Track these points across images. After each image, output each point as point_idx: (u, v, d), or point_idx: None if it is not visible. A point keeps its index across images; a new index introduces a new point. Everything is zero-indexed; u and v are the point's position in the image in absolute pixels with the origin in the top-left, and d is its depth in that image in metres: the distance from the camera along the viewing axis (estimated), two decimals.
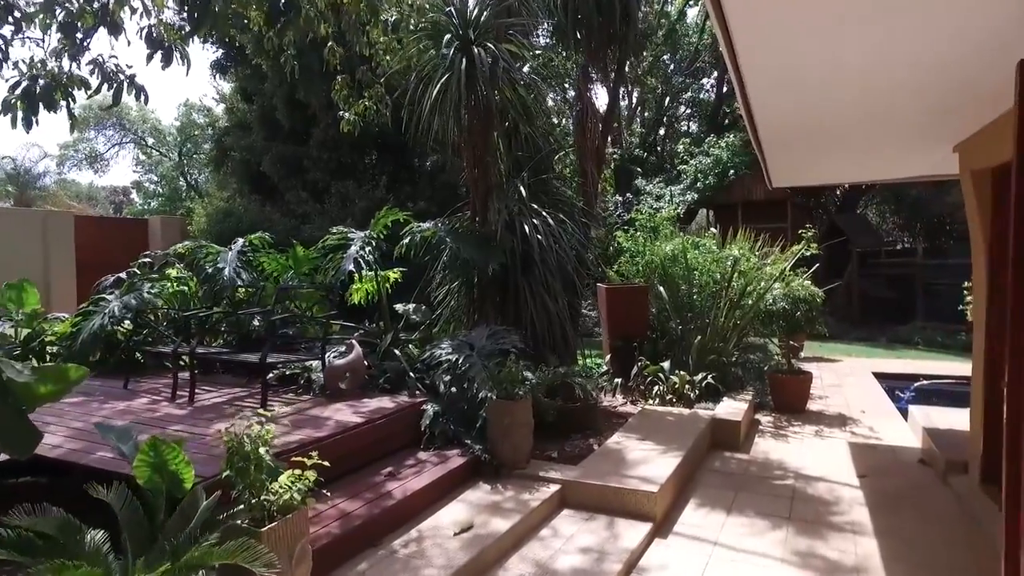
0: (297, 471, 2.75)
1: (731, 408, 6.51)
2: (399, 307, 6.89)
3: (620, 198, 16.46)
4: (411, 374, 5.62)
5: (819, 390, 8.35)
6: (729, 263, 7.64)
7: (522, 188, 6.82)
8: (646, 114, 25.86)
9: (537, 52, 8.99)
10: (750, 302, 7.66)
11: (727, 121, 22.77)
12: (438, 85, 6.42)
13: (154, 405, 5.05)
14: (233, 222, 16.31)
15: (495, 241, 6.48)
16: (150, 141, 33.24)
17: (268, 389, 5.11)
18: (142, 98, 5.47)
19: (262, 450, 2.60)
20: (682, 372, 6.88)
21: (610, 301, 8.27)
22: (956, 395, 9.71)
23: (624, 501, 4.36)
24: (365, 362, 5.85)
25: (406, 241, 6.32)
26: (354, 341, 5.55)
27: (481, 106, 6.57)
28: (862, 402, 8.01)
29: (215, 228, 16.26)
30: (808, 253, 7.65)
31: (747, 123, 4.76)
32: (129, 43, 6.88)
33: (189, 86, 55.71)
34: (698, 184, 18.83)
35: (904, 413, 7.59)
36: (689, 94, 24.79)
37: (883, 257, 17.82)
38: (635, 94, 25.25)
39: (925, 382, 9.63)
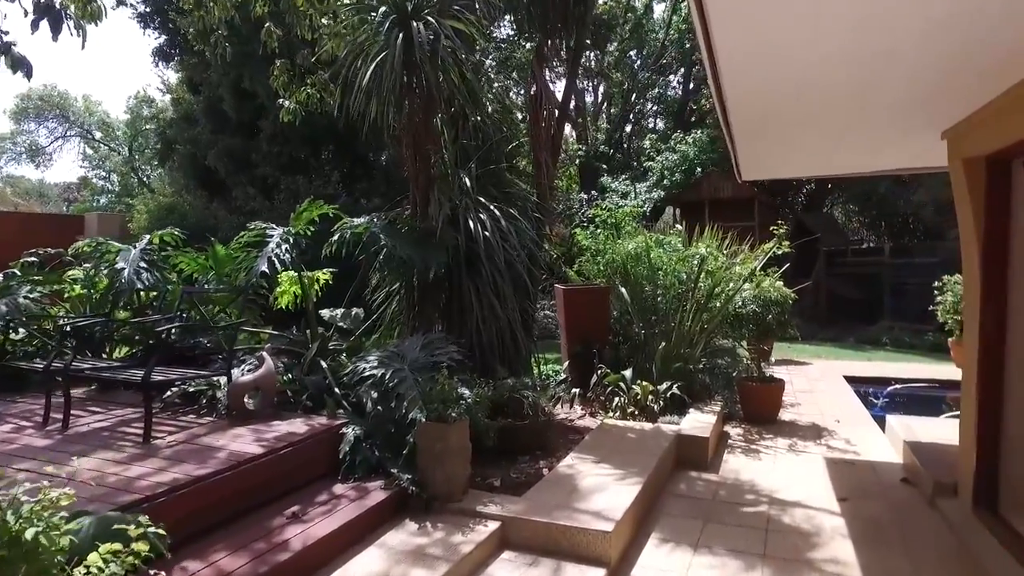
0: (118, 545, 2.02)
1: (698, 421, 5.92)
2: (326, 313, 6.14)
3: (585, 195, 15.92)
4: (336, 390, 4.90)
5: (790, 397, 7.83)
6: (695, 262, 7.07)
7: (467, 180, 6.15)
8: (612, 110, 25.39)
9: (492, 36, 8.32)
10: (718, 304, 7.10)
11: (694, 118, 22.40)
12: (373, 64, 5.70)
13: (16, 433, 4.23)
14: (176, 219, 15.31)
15: (436, 238, 5.79)
16: (97, 135, 31.69)
17: (154, 411, 4.34)
18: (23, 72, 4.66)
19: (31, 532, 1.82)
20: (645, 383, 6.28)
21: (568, 303, 7.65)
22: (929, 400, 9.34)
23: (574, 542, 3.71)
24: (286, 376, 5.12)
25: (335, 239, 5.58)
26: (265, 353, 4.80)
27: (423, 89, 5.88)
28: (836, 410, 7.52)
29: (156, 225, 15.23)
30: (780, 251, 7.12)
31: (717, 107, 4.18)
32: (26, 13, 6.03)
33: (139, 76, 53.76)
34: (664, 181, 18.39)
35: (880, 421, 7.14)
36: (656, 90, 24.38)
37: (849, 256, 17.57)
38: (601, 90, 24.77)
39: (898, 386, 9.22)
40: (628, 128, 25.69)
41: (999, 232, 4.10)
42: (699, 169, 18.54)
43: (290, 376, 5.10)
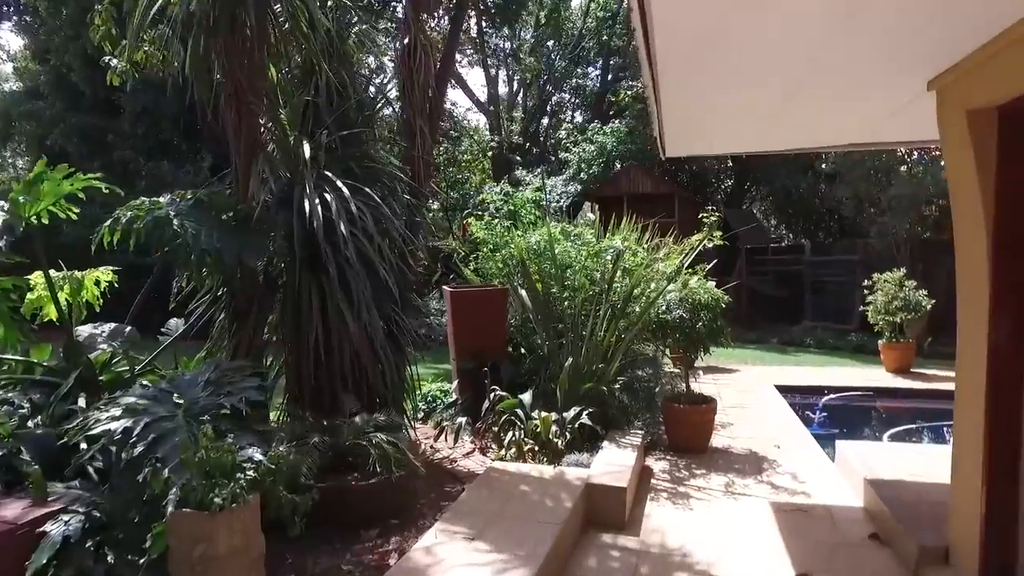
0: None
1: (614, 463, 4.59)
2: (85, 329, 4.40)
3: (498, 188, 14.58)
4: (83, 450, 3.24)
5: (721, 414, 6.64)
6: (610, 257, 5.78)
7: (307, 147, 4.58)
8: (529, 103, 24.17)
9: None
10: (638, 309, 5.83)
11: (612, 111, 21.47)
12: None
13: None
14: None
15: (262, 224, 4.22)
16: None
17: None
18: None
19: None
20: (546, 414, 4.90)
21: (457, 309, 6.21)
22: (865, 412, 8.50)
23: None
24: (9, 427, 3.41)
25: (107, 225, 3.89)
26: None
27: (250, 22, 4.30)
28: (773, 430, 6.42)
29: None
30: (711, 244, 5.93)
31: (643, 54, 2.90)
32: None
33: None
34: (582, 175, 17.30)
35: (822, 441, 6.09)
36: (574, 81, 23.31)
37: (770, 254, 16.99)
38: (516, 80, 23.52)
39: (832, 395, 8.29)
40: (545, 121, 24.57)
41: (1019, 208, 2.94)
42: (618, 163, 17.55)
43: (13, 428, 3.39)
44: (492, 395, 5.54)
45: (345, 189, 4.52)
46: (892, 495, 4.18)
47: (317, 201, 4.41)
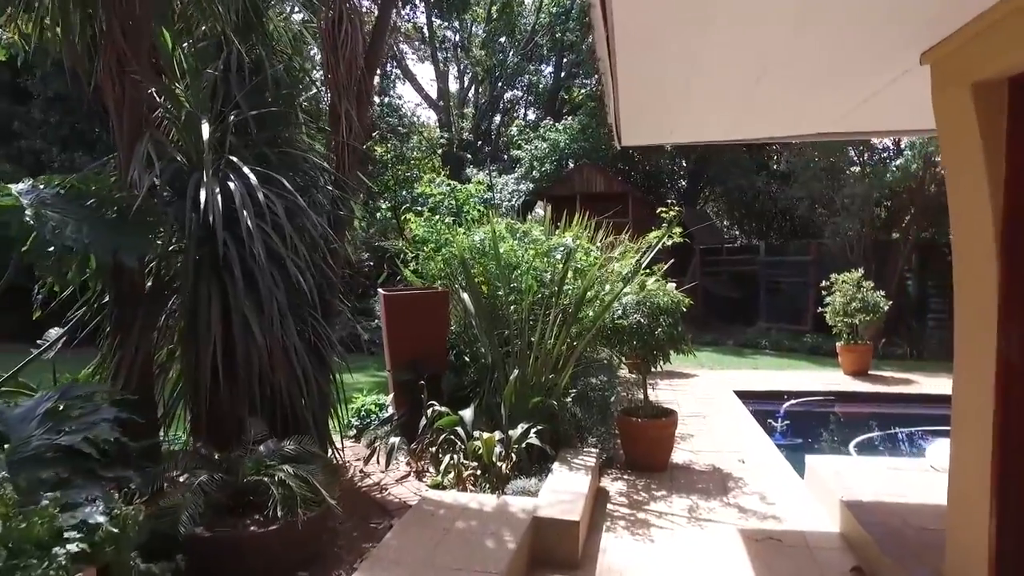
0: None
1: (565, 489, 4.04)
2: None
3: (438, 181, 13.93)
4: None
5: (681, 423, 6.13)
6: (559, 256, 5.24)
7: (206, 127, 3.89)
8: (481, 100, 23.57)
9: None
10: (591, 314, 5.31)
11: (566, 109, 21.07)
12: None
13: None
14: None
15: (146, 216, 3.53)
16: None
17: None
18: None
19: None
20: (488, 435, 4.32)
21: (392, 314, 5.58)
22: (826, 417, 8.19)
23: None
24: None
25: None
26: None
27: None
28: (735, 441, 6.00)
29: None
30: (671, 242, 5.45)
31: (598, 26, 2.35)
32: None
33: None
34: (534, 173, 16.80)
35: (784, 450, 5.71)
36: (527, 77, 22.80)
37: (724, 254, 16.81)
38: (467, 76, 22.91)
39: (792, 401, 7.95)
40: (497, 119, 24.03)
41: None
42: (571, 161, 17.14)
43: None
44: (430, 411, 4.93)
45: (253, 176, 3.85)
46: (874, 520, 3.75)
47: (218, 190, 3.74)
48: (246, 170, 3.86)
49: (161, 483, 3.07)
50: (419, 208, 6.10)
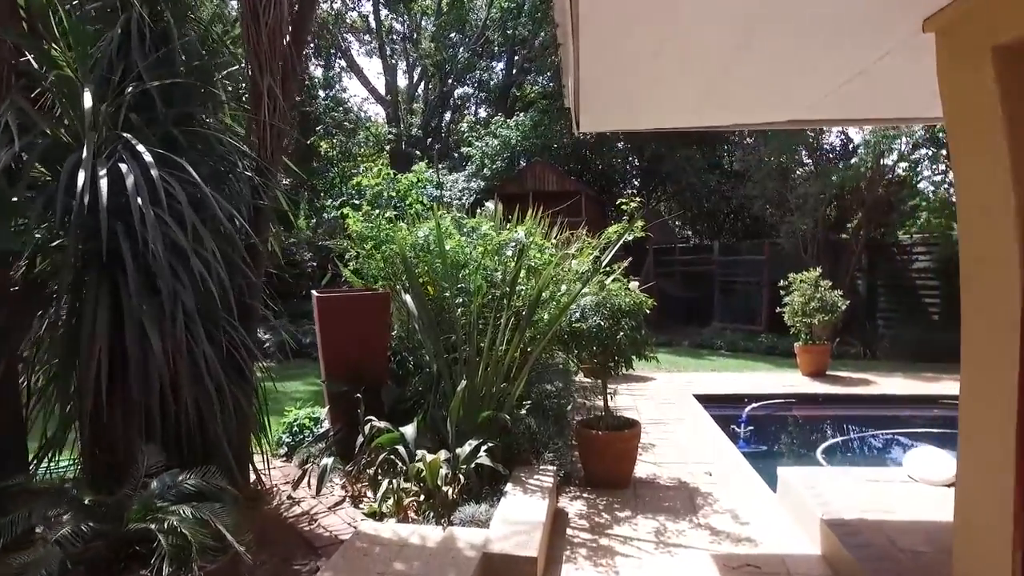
0: None
1: (520, 517, 3.57)
2: None
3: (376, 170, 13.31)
4: None
5: (642, 432, 5.82)
6: (511, 253, 4.77)
7: (88, 96, 3.26)
8: (431, 96, 22.95)
9: None
10: (547, 316, 4.85)
11: (518, 105, 20.65)
12: None
13: None
14: None
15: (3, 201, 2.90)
16: None
17: None
18: None
19: None
20: (431, 457, 3.80)
21: (326, 319, 5.01)
22: (789, 422, 7.94)
23: None
24: None
25: None
26: None
27: None
28: (700, 450, 5.64)
29: None
30: (632, 238, 5.03)
31: None
32: None
33: None
34: (485, 171, 16.33)
35: (751, 459, 5.38)
36: (477, 73, 22.28)
37: (677, 254, 16.66)
38: (416, 71, 22.26)
39: (754, 404, 7.67)
40: (448, 116, 23.45)
41: None
42: (523, 159, 16.75)
43: None
44: (366, 427, 4.38)
45: (148, 156, 3.24)
46: (859, 542, 3.40)
47: (103, 172, 3.13)
48: (141, 149, 3.25)
49: (16, 533, 2.45)
50: (356, 202, 5.53)
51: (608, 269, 5.16)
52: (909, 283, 12.62)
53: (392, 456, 4.16)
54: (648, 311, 4.78)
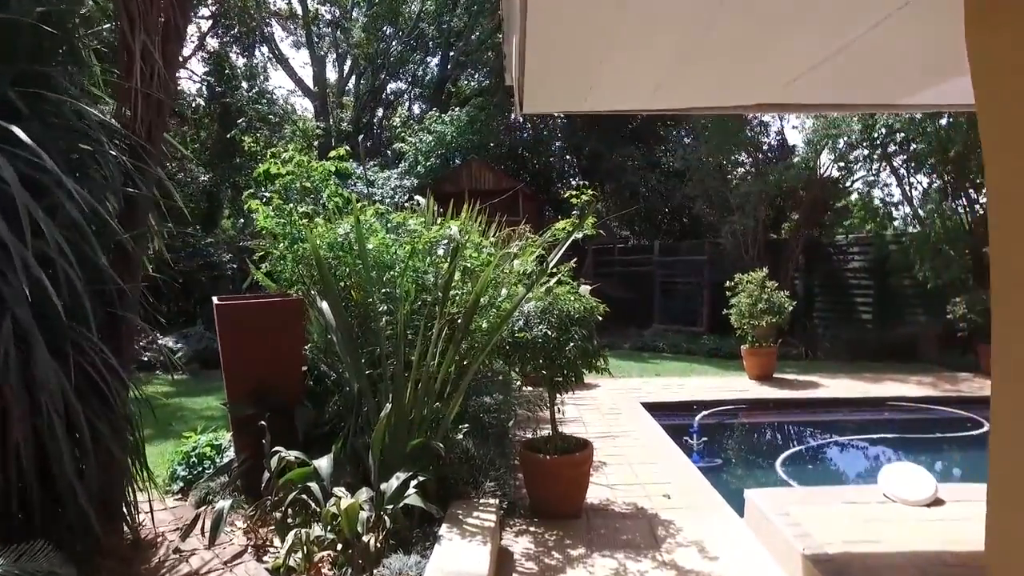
0: None
1: (457, 570, 2.94)
2: None
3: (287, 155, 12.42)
4: None
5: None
6: (442, 252, 4.14)
7: None
8: (363, 90, 21.97)
9: None
10: (485, 325, 4.25)
11: (453, 102, 19.97)
12: None
13: None
14: None
15: None
16: None
17: None
18: None
19: None
20: (350, 501, 3.12)
21: (228, 329, 4.25)
22: (743, 430, 7.60)
23: None
24: None
25: None
26: None
27: None
28: (654, 468, 5.16)
29: None
30: (582, 235, 4.49)
31: None
32: None
33: None
34: (419, 168, 15.58)
35: (707, 474, 4.94)
36: (411, 67, 21.45)
37: (617, 254, 16.36)
38: (347, 63, 21.27)
39: (704, 412, 7.29)
40: (380, 112, 22.54)
41: None
42: (458, 157, 16.09)
43: None
44: (276, 458, 3.67)
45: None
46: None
47: None
48: None
49: None
50: (264, 195, 4.78)
51: (554, 271, 4.60)
52: (845, 283, 12.68)
53: (304, 496, 3.47)
54: (600, 317, 4.25)
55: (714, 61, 3.31)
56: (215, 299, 4.47)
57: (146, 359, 9.56)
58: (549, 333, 3.95)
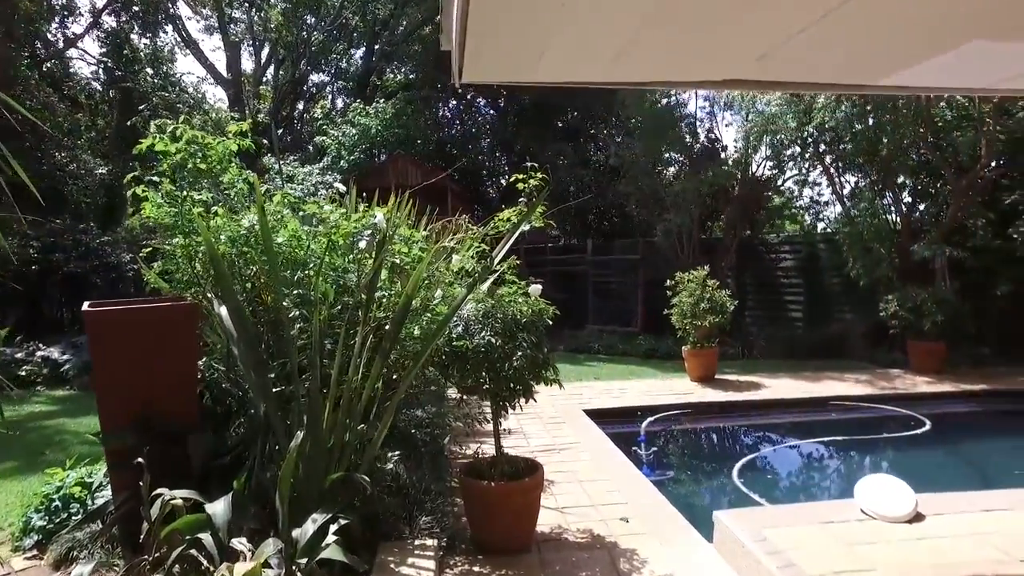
0: None
1: None
2: None
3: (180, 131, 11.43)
4: None
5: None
6: (364, 243, 3.51)
7: None
8: (282, 81, 20.75)
9: None
10: (417, 332, 3.65)
11: (378, 95, 19.13)
12: None
13: None
14: None
15: None
16: None
17: None
18: None
19: None
20: (246, 566, 2.47)
21: (101, 342, 3.48)
22: (690, 436, 7.24)
23: None
24: None
25: None
26: None
27: None
28: (607, 487, 4.68)
29: None
30: (529, 226, 3.95)
31: None
32: None
33: None
34: (342, 162, 14.73)
35: (660, 487, 4.53)
36: (334, 57, 20.40)
37: (548, 254, 15.99)
38: (264, 50, 20.04)
39: (651, 419, 6.92)
40: (301, 105, 21.38)
41: None
42: (383, 151, 15.34)
43: None
44: (159, 502, 2.95)
45: None
46: None
47: None
48: None
49: None
50: (152, 178, 4.00)
51: (497, 268, 4.05)
52: (776, 281, 12.74)
53: (194, 550, 2.78)
54: (550, 321, 3.73)
55: (683, 25, 2.83)
56: (85, 305, 3.68)
57: (23, 373, 8.42)
58: (493, 341, 3.39)
